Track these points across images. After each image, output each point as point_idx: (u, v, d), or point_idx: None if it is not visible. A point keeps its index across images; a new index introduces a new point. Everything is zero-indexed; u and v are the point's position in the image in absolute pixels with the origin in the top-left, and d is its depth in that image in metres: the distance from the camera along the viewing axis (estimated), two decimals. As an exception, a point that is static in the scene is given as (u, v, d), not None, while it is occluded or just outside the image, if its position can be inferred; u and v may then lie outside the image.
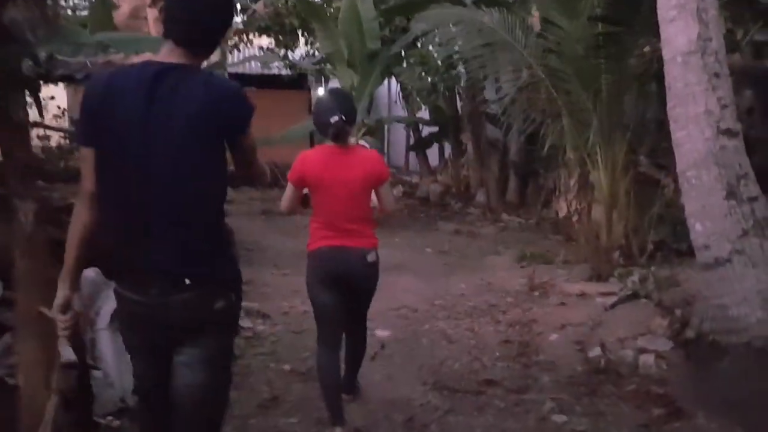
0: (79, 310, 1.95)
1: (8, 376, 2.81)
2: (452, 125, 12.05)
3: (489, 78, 8.16)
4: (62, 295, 1.92)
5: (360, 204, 3.12)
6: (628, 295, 4.70)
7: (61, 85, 12.40)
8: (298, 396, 3.62)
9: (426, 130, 13.03)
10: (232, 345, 2.05)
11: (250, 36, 12.74)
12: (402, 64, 10.82)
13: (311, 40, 12.59)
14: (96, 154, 1.82)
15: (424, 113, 13.00)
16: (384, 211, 3.30)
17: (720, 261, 3.64)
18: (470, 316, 5.14)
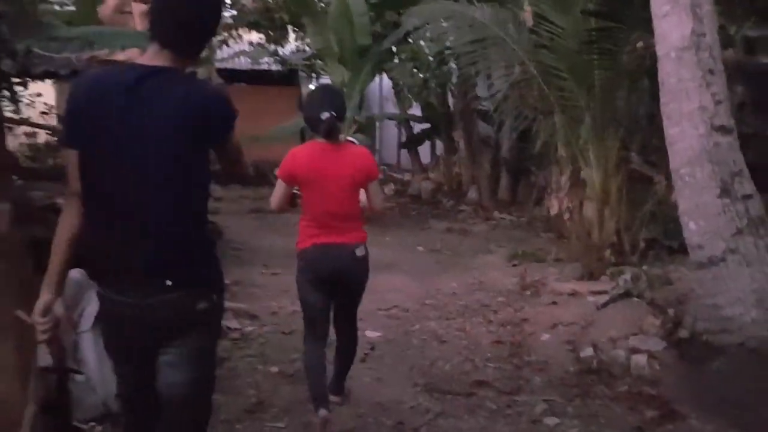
0: (60, 314, 1.88)
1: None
2: (444, 122, 11.99)
3: (481, 74, 8.09)
4: (44, 298, 1.87)
5: (350, 200, 3.12)
6: (620, 294, 4.64)
7: (48, 81, 12.26)
8: (285, 399, 3.55)
9: (417, 127, 12.97)
10: (215, 344, 2.05)
11: (240, 31, 12.62)
12: (393, 60, 10.74)
13: (301, 36, 12.48)
14: (80, 156, 1.82)
15: (415, 110, 12.93)
16: (373, 210, 3.28)
17: (714, 260, 3.60)
18: (462, 316, 5.09)
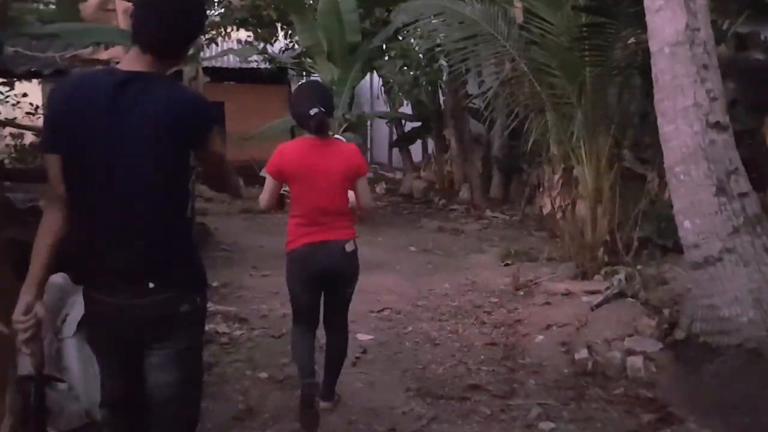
0: (41, 315, 1.85)
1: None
2: (435, 120, 11.91)
3: (471, 72, 8.02)
4: (25, 299, 1.83)
5: (340, 196, 3.11)
6: (615, 294, 4.58)
7: (34, 81, 12.08)
8: (275, 406, 3.46)
9: (409, 126, 12.88)
10: (200, 344, 2.07)
11: (228, 29, 12.48)
12: (383, 57, 10.64)
13: (290, 33, 12.36)
14: (62, 160, 1.82)
15: (406, 109, 12.85)
16: (361, 208, 3.28)
17: (710, 260, 3.54)
18: (454, 318, 5.02)
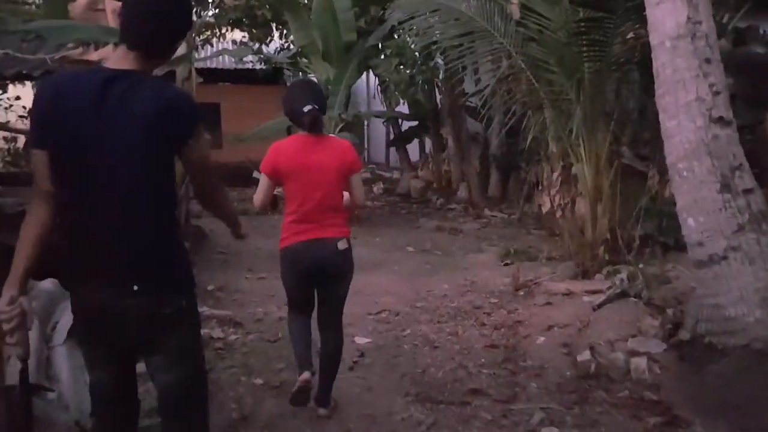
0: (27, 308, 1.82)
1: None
2: (432, 119, 11.81)
3: (468, 69, 7.93)
4: (9, 293, 1.82)
5: (334, 193, 3.10)
6: (617, 294, 4.49)
7: (28, 84, 11.98)
8: (270, 413, 3.36)
9: (406, 125, 12.79)
10: (197, 341, 2.07)
11: (223, 30, 12.38)
12: (379, 56, 10.55)
13: (285, 33, 12.26)
14: (49, 157, 1.82)
15: (403, 108, 12.77)
16: (355, 205, 3.26)
17: (715, 258, 3.45)
18: (454, 319, 4.92)
